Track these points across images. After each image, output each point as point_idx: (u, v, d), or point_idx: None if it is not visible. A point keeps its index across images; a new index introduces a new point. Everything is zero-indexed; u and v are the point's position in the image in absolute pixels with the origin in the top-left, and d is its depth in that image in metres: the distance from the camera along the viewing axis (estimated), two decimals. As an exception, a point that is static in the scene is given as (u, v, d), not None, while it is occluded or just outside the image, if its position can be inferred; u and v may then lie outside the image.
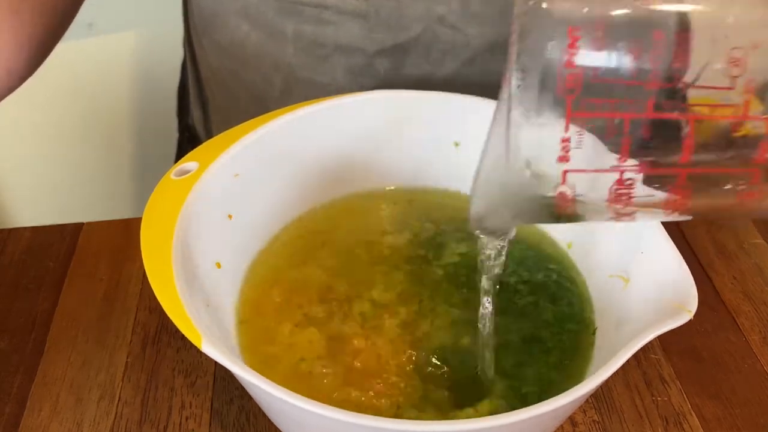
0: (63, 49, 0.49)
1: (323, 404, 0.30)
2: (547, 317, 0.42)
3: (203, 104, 0.72)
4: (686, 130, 0.29)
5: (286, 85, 0.58)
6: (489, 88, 0.54)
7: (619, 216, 0.31)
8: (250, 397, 0.44)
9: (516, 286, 0.44)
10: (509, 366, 0.40)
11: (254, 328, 0.42)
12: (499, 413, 0.30)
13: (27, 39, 0.47)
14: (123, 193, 1.06)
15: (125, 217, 0.57)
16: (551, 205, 0.31)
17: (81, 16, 0.53)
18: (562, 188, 0.30)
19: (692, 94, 0.29)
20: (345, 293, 0.44)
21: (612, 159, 0.29)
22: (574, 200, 0.31)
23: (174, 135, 0.78)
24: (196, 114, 0.74)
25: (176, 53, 0.75)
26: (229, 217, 0.43)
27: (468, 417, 0.37)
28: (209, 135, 0.72)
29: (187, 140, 0.77)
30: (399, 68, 0.54)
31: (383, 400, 0.38)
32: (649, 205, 0.31)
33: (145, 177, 1.05)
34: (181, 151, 0.78)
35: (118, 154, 1.03)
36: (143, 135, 1.01)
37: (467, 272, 0.45)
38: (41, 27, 0.48)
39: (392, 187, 0.51)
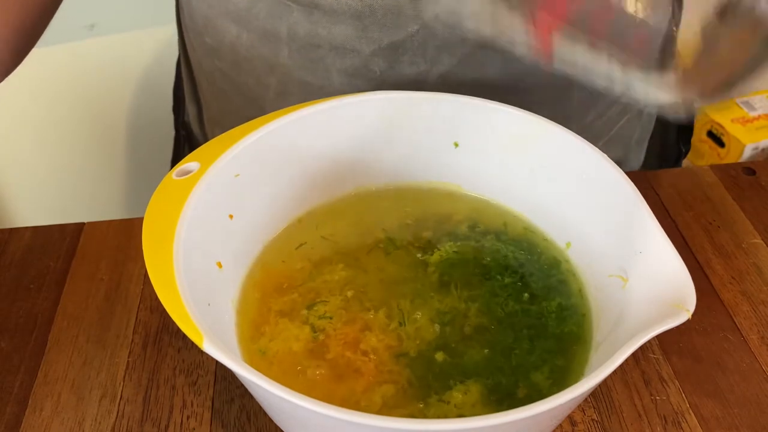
0: (65, 50, 0.49)
1: (324, 403, 0.30)
2: (545, 317, 0.43)
3: (197, 102, 0.72)
4: None
5: (282, 86, 0.58)
6: (484, 85, 0.54)
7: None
8: (251, 396, 0.44)
9: (515, 285, 0.44)
10: (507, 365, 0.40)
11: (255, 328, 0.42)
12: (496, 411, 0.31)
13: (12, 31, 0.47)
14: (124, 193, 1.07)
15: (126, 217, 0.57)
16: None
17: (83, 18, 0.53)
18: None
19: None
20: (345, 293, 0.44)
21: None
22: None
23: (176, 136, 0.79)
24: (191, 112, 0.74)
25: (177, 55, 0.75)
26: (230, 217, 0.43)
27: (456, 400, 0.38)
28: (204, 133, 0.72)
29: (184, 138, 0.77)
30: (395, 67, 0.54)
31: (384, 397, 0.38)
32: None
33: (147, 177, 1.06)
34: (178, 149, 0.78)
35: (120, 154, 1.03)
36: (145, 136, 1.02)
37: (463, 270, 0.45)
38: (26, 18, 0.48)
39: (392, 187, 0.51)
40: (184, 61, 0.71)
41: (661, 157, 0.75)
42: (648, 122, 0.71)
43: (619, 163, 0.43)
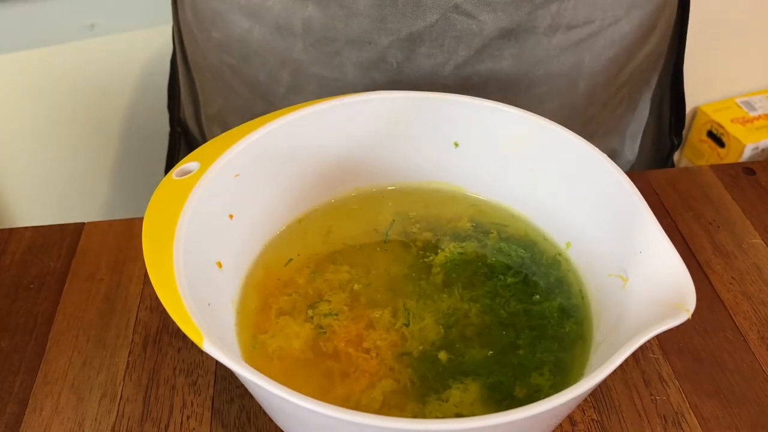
0: (65, 50, 0.49)
1: (324, 403, 0.30)
2: (546, 316, 0.43)
3: (194, 100, 0.71)
4: None
5: (294, 81, 0.58)
6: (497, 76, 0.54)
7: None
8: (250, 396, 0.44)
9: (515, 285, 0.44)
10: (507, 364, 0.40)
11: (255, 327, 0.42)
12: (494, 411, 0.31)
13: None
14: (124, 193, 1.06)
15: (126, 217, 0.57)
16: None
17: (83, 18, 0.53)
18: None
19: None
20: (345, 292, 0.44)
21: None
22: None
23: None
24: (187, 110, 0.73)
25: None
26: (230, 217, 0.43)
27: (455, 399, 0.38)
28: (201, 130, 0.72)
29: (179, 135, 0.76)
30: (411, 58, 0.54)
31: (385, 394, 0.38)
32: None
33: (148, 178, 1.05)
34: (173, 146, 0.77)
35: (120, 154, 1.03)
36: (146, 136, 1.02)
37: (464, 270, 0.45)
38: None
39: (392, 187, 0.51)
40: (181, 58, 0.70)
41: (653, 150, 0.76)
42: (642, 115, 0.71)
43: (615, 155, 0.43)
